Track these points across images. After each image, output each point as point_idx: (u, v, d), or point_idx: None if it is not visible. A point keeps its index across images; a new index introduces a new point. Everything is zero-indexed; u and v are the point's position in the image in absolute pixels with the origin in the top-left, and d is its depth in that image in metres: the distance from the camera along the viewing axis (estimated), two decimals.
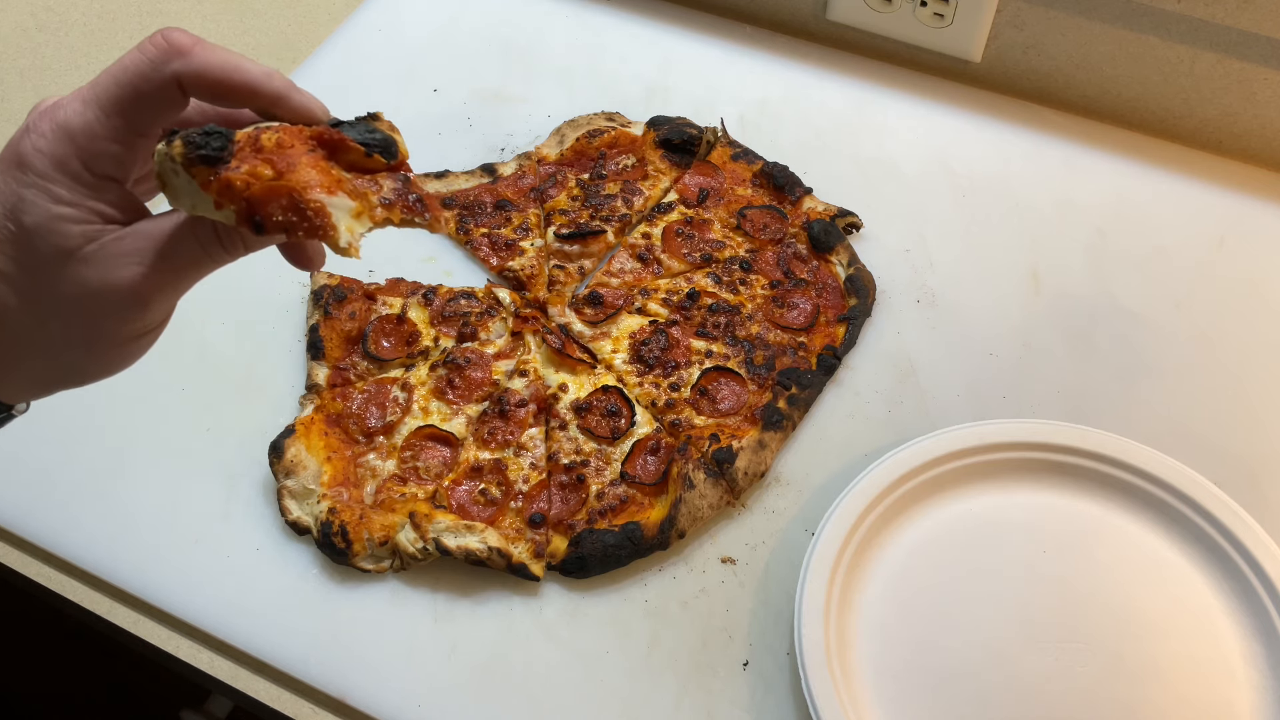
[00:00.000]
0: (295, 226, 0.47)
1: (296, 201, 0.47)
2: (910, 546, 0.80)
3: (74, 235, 0.49)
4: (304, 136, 0.49)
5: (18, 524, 0.83)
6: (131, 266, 0.49)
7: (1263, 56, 0.99)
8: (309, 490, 0.81)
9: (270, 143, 0.48)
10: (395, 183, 0.51)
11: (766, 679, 0.76)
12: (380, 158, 0.51)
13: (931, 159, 1.06)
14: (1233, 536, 0.77)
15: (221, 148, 0.47)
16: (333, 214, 0.47)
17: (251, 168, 0.47)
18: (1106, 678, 0.74)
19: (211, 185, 0.47)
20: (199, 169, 0.47)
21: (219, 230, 0.50)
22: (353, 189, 0.49)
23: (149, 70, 0.48)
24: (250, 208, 0.46)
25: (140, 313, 0.51)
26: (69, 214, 0.49)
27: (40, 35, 1.19)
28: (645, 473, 0.84)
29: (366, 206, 0.49)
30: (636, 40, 1.18)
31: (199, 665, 0.78)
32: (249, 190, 0.46)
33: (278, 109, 0.51)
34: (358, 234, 0.49)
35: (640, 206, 1.01)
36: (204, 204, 0.48)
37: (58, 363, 0.53)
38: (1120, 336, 0.93)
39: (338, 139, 0.50)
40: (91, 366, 0.54)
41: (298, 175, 0.47)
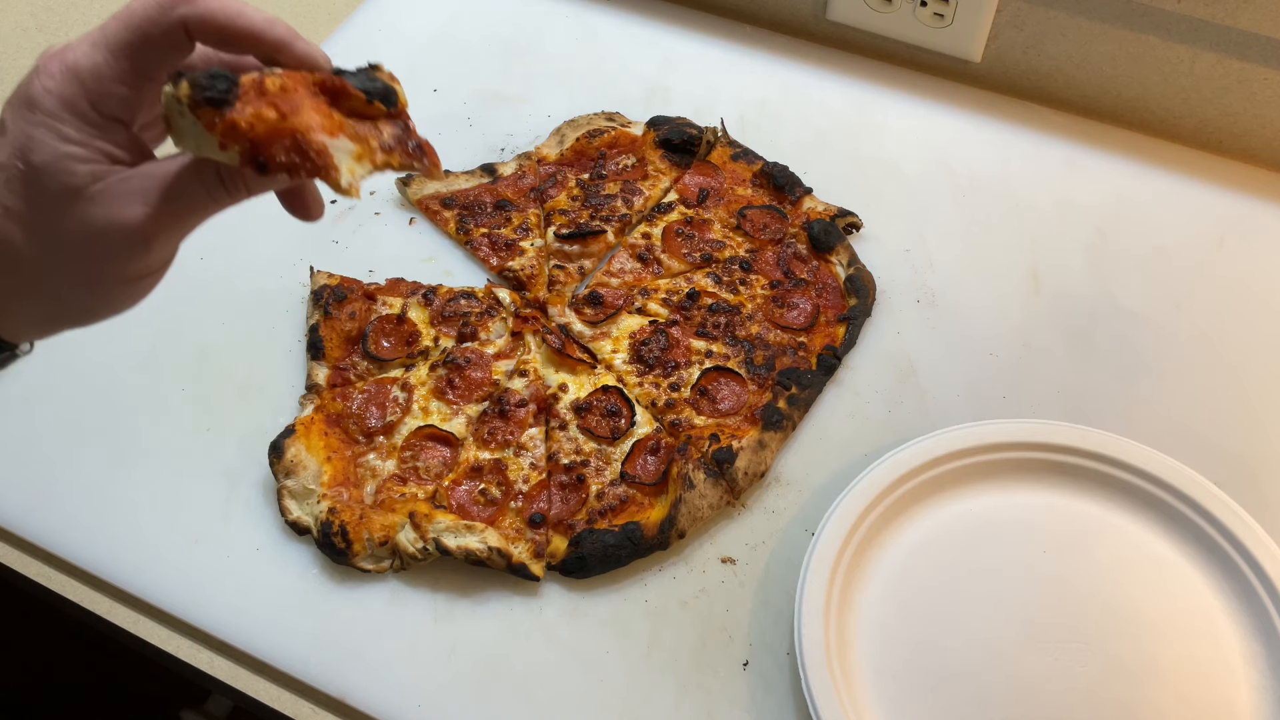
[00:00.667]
0: (298, 167, 0.48)
1: (299, 142, 0.48)
2: (910, 546, 0.80)
3: (81, 174, 0.50)
4: (307, 82, 0.51)
5: (18, 524, 0.83)
6: (136, 206, 0.50)
7: (1263, 56, 0.99)
8: (309, 490, 0.81)
9: (274, 87, 0.49)
10: (395, 129, 0.53)
11: (766, 679, 0.76)
12: (380, 105, 0.52)
13: (931, 159, 1.06)
14: (1233, 536, 0.77)
15: (227, 90, 0.48)
16: (334, 155, 0.49)
17: (256, 110, 0.48)
18: (1106, 678, 0.74)
19: (216, 126, 0.48)
20: (204, 111, 0.48)
21: (222, 172, 0.51)
22: (354, 133, 0.51)
23: (156, 14, 0.50)
24: (254, 148, 0.48)
25: (143, 252, 0.52)
26: (77, 153, 0.50)
27: (40, 35, 1.19)
28: (645, 473, 0.84)
29: (367, 150, 0.51)
30: (636, 40, 1.18)
31: (199, 665, 0.78)
32: (253, 131, 0.48)
33: (281, 56, 0.52)
34: (358, 175, 0.50)
35: (640, 206, 1.01)
36: (208, 145, 0.49)
37: (61, 301, 0.54)
38: (1120, 336, 0.93)
39: (340, 85, 0.51)
40: (94, 305, 0.55)
41: (301, 118, 0.49)
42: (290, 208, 0.57)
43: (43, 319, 0.55)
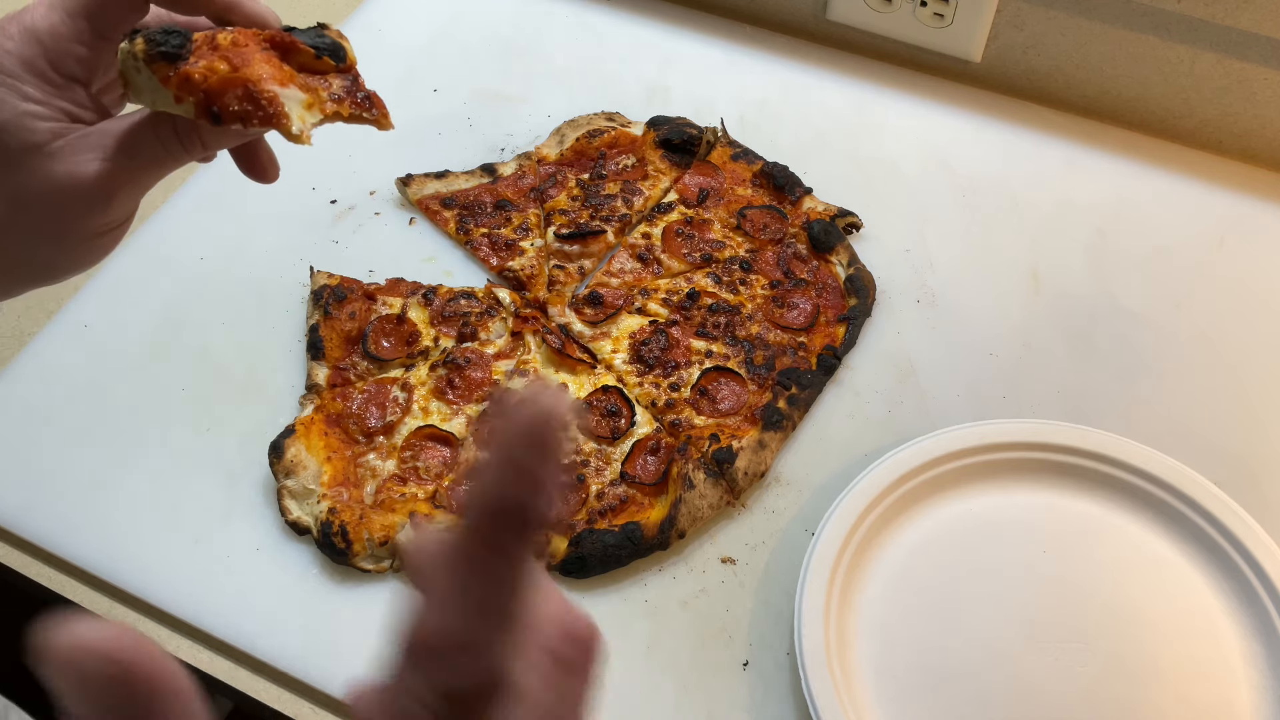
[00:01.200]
0: (250, 115, 0.50)
1: (251, 91, 0.50)
2: (910, 546, 0.80)
3: (41, 131, 0.52)
4: (258, 38, 0.53)
5: (18, 524, 0.83)
6: (95, 161, 0.52)
7: (1263, 56, 0.99)
8: (309, 490, 0.81)
9: (226, 41, 0.51)
10: (344, 81, 0.54)
11: (766, 679, 0.76)
12: (329, 60, 0.54)
13: (931, 159, 1.06)
14: (1233, 536, 0.77)
15: (180, 45, 0.50)
16: (285, 103, 0.51)
17: (209, 62, 0.50)
18: (1106, 678, 0.74)
19: (171, 80, 0.50)
20: (159, 65, 0.50)
21: (178, 127, 0.53)
22: (304, 84, 0.53)
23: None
24: (208, 99, 0.50)
25: (104, 206, 0.54)
26: (36, 110, 0.51)
27: None
28: (645, 473, 0.84)
29: (317, 100, 0.53)
30: (636, 40, 1.18)
31: (199, 665, 0.78)
32: (206, 83, 0.50)
33: (231, 15, 0.54)
34: (309, 123, 0.52)
35: (640, 206, 1.01)
36: (164, 99, 0.51)
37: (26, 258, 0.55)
38: (1120, 336, 0.93)
39: (289, 41, 0.53)
40: (58, 261, 0.56)
41: (252, 69, 0.51)
42: (246, 169, 0.59)
43: (10, 276, 0.57)
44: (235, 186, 0.63)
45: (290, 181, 0.62)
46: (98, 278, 0.96)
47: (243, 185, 0.66)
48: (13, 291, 0.58)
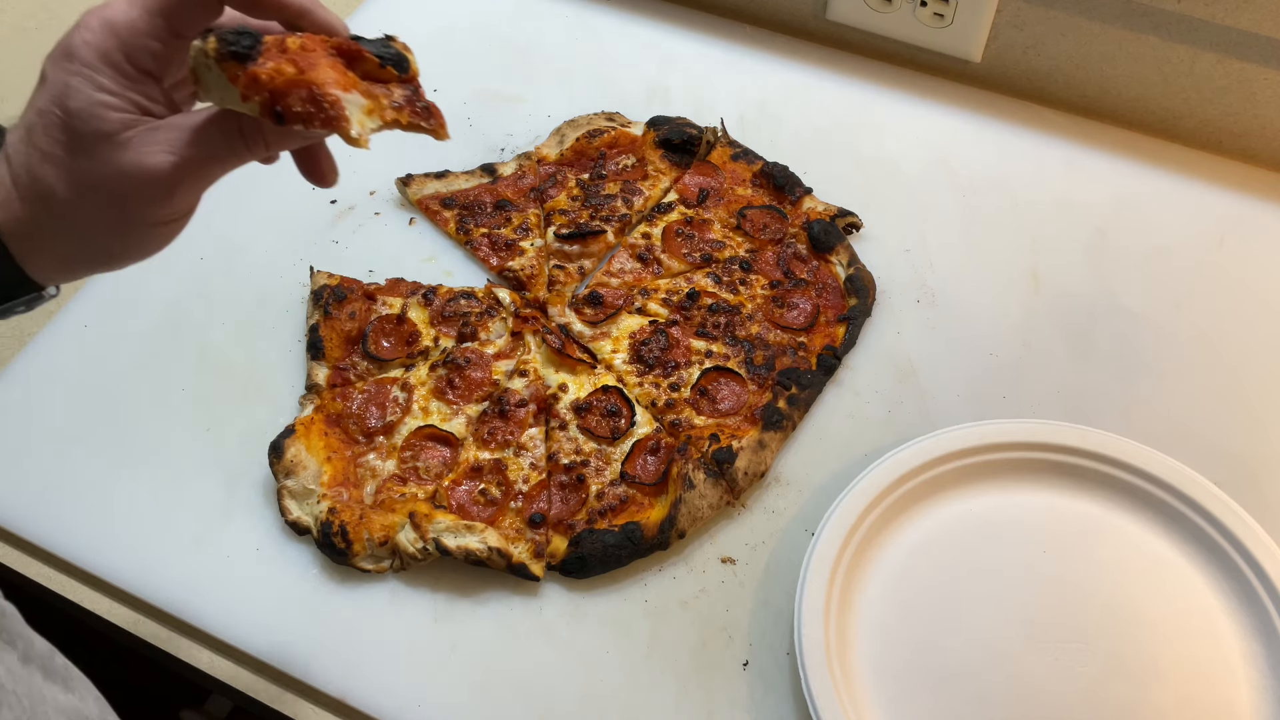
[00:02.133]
0: (313, 117, 0.52)
1: (315, 94, 0.52)
2: (910, 546, 0.80)
3: (113, 121, 0.54)
4: (325, 45, 0.55)
5: (18, 524, 0.83)
6: (163, 154, 0.54)
7: (1263, 56, 0.99)
8: (309, 490, 0.81)
9: (295, 46, 0.53)
10: (405, 91, 0.57)
11: (766, 679, 0.76)
12: (393, 70, 0.56)
13: (931, 159, 1.06)
14: (1233, 536, 0.77)
15: (251, 46, 0.52)
16: (347, 107, 0.53)
17: (276, 64, 0.52)
18: (1106, 678, 0.74)
19: (240, 79, 0.52)
20: (229, 64, 0.52)
21: (243, 126, 0.55)
22: (366, 90, 0.55)
23: None
24: (273, 99, 0.52)
25: (168, 198, 0.55)
26: (110, 101, 0.54)
27: (40, 35, 1.19)
28: (645, 473, 0.84)
29: (377, 106, 0.55)
30: (636, 40, 1.18)
31: (199, 665, 0.78)
32: (273, 83, 0.51)
33: (302, 22, 0.56)
34: (368, 127, 0.54)
35: (640, 206, 1.01)
36: (232, 97, 0.53)
37: (89, 243, 0.57)
38: (1120, 336, 0.93)
39: (355, 49, 0.55)
40: (120, 248, 0.58)
41: (317, 73, 0.53)
42: (306, 171, 0.61)
43: (72, 261, 0.58)
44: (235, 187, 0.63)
45: (290, 181, 0.62)
46: (98, 277, 0.96)
47: (243, 185, 0.67)
48: (72, 275, 0.60)
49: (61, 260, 0.58)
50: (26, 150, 0.55)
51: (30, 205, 0.55)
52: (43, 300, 0.60)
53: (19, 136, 0.56)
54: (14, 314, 0.60)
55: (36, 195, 0.55)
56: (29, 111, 0.56)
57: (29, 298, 0.59)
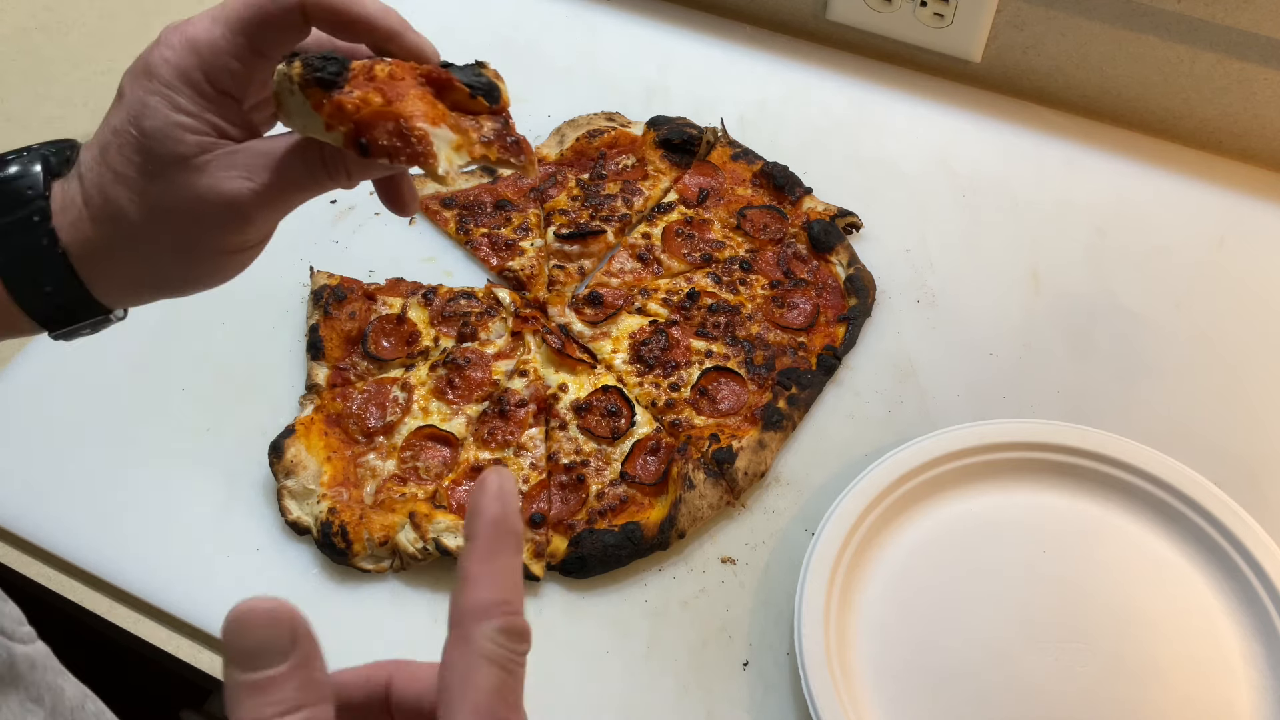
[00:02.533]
0: (399, 151, 0.49)
1: (402, 127, 0.49)
2: (910, 546, 0.80)
3: (190, 143, 0.52)
4: (414, 72, 0.52)
5: (18, 524, 0.83)
6: (239, 180, 0.52)
7: (1263, 56, 0.99)
8: (309, 490, 0.81)
9: (383, 74, 0.51)
10: (495, 124, 0.54)
11: (766, 679, 0.76)
12: (483, 100, 0.54)
13: (931, 159, 1.06)
14: (1233, 536, 0.77)
15: (337, 72, 0.50)
16: (434, 142, 0.50)
17: (363, 93, 0.49)
18: (1106, 678, 0.74)
19: (324, 107, 0.49)
20: (314, 90, 0.49)
21: (325, 155, 0.53)
22: (455, 124, 0.52)
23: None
24: (358, 130, 0.49)
25: (242, 225, 0.53)
26: (187, 123, 0.52)
27: (40, 35, 1.19)
28: (645, 473, 0.84)
29: (466, 141, 0.52)
30: (636, 40, 1.18)
31: (199, 665, 0.78)
32: (359, 114, 0.49)
33: (391, 45, 0.53)
34: (455, 165, 0.51)
35: (640, 206, 1.01)
36: (315, 125, 0.50)
37: (161, 268, 0.55)
38: (1120, 336, 0.93)
39: (445, 78, 0.53)
40: (191, 274, 0.56)
41: (405, 105, 0.50)
42: (387, 200, 0.59)
43: (140, 285, 0.57)
44: None
45: None
46: None
47: None
48: (141, 300, 0.58)
49: (129, 284, 0.56)
50: (100, 169, 0.53)
51: (101, 226, 0.53)
52: (109, 323, 0.58)
53: (93, 155, 0.54)
54: (79, 336, 0.58)
55: (108, 216, 0.53)
56: (104, 129, 0.54)
57: (95, 320, 0.57)
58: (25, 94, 1.13)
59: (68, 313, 0.56)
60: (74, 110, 1.12)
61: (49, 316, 0.56)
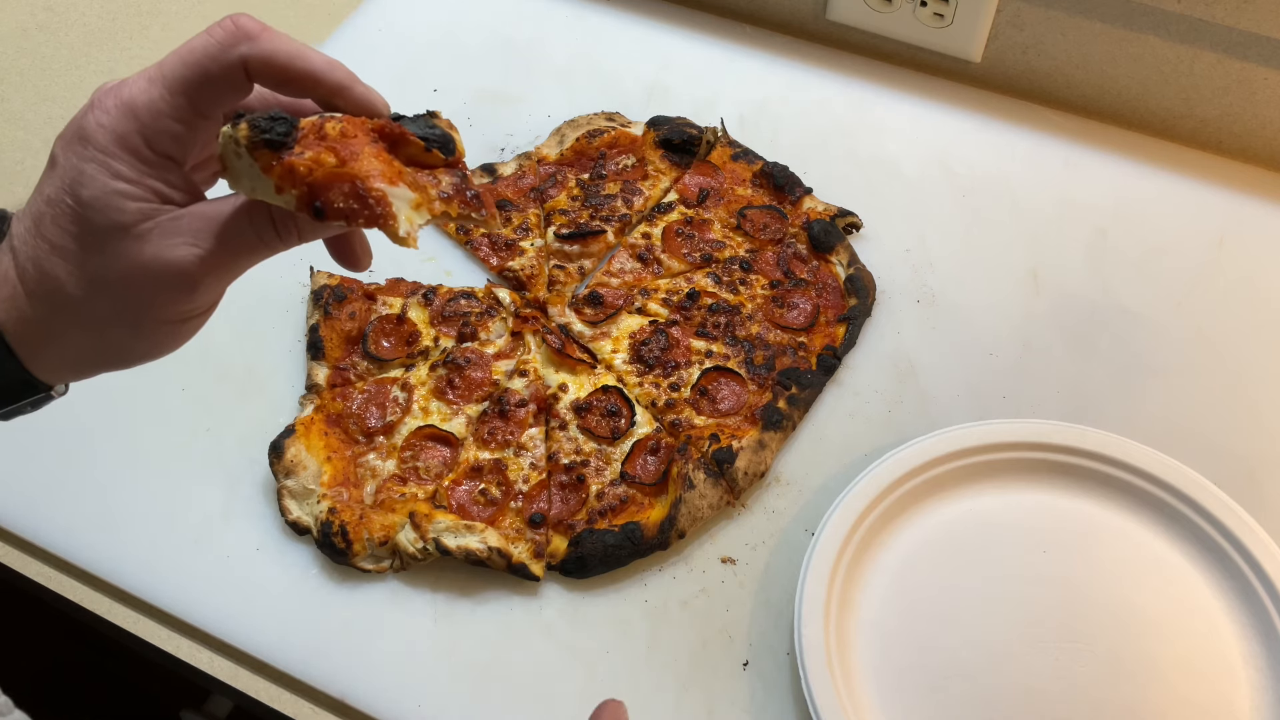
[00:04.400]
0: (356, 214, 0.47)
1: (358, 189, 0.47)
2: (910, 546, 0.80)
3: (130, 211, 0.49)
4: (366, 128, 0.50)
5: (18, 524, 0.83)
6: (185, 246, 0.50)
7: (1263, 56, 0.99)
8: (309, 490, 0.81)
9: (334, 131, 0.49)
10: (453, 178, 0.52)
11: (766, 679, 0.76)
12: (439, 153, 0.51)
13: (931, 159, 1.06)
14: (1233, 536, 0.77)
15: (286, 133, 0.47)
16: (394, 203, 0.48)
17: (315, 154, 0.47)
18: (1106, 678, 0.74)
19: (274, 169, 0.47)
20: (262, 153, 0.47)
21: (275, 216, 0.51)
22: (413, 181, 0.50)
23: (217, 52, 0.49)
24: (312, 193, 0.47)
25: (189, 294, 0.51)
26: (127, 190, 0.49)
27: (40, 35, 1.19)
28: (645, 473, 0.84)
29: (426, 199, 0.50)
30: (636, 40, 1.18)
31: (199, 665, 0.78)
32: (312, 176, 0.47)
33: (339, 99, 0.51)
34: (416, 224, 0.49)
35: (640, 206, 1.01)
36: (264, 188, 0.48)
37: (103, 341, 0.53)
38: (1120, 336, 0.93)
39: (399, 132, 0.51)
40: (137, 346, 0.54)
41: (360, 164, 0.48)
42: (338, 257, 0.57)
43: (83, 359, 0.54)
44: None
45: None
46: None
47: None
48: (84, 374, 0.55)
49: (70, 361, 0.53)
50: (34, 242, 0.50)
51: (38, 303, 0.50)
52: (51, 399, 0.56)
53: (26, 227, 0.51)
54: (20, 414, 0.56)
55: (45, 292, 0.50)
56: (36, 199, 0.51)
57: (36, 398, 0.55)
58: (26, 93, 1.13)
59: (6, 393, 0.53)
60: (75, 110, 1.11)
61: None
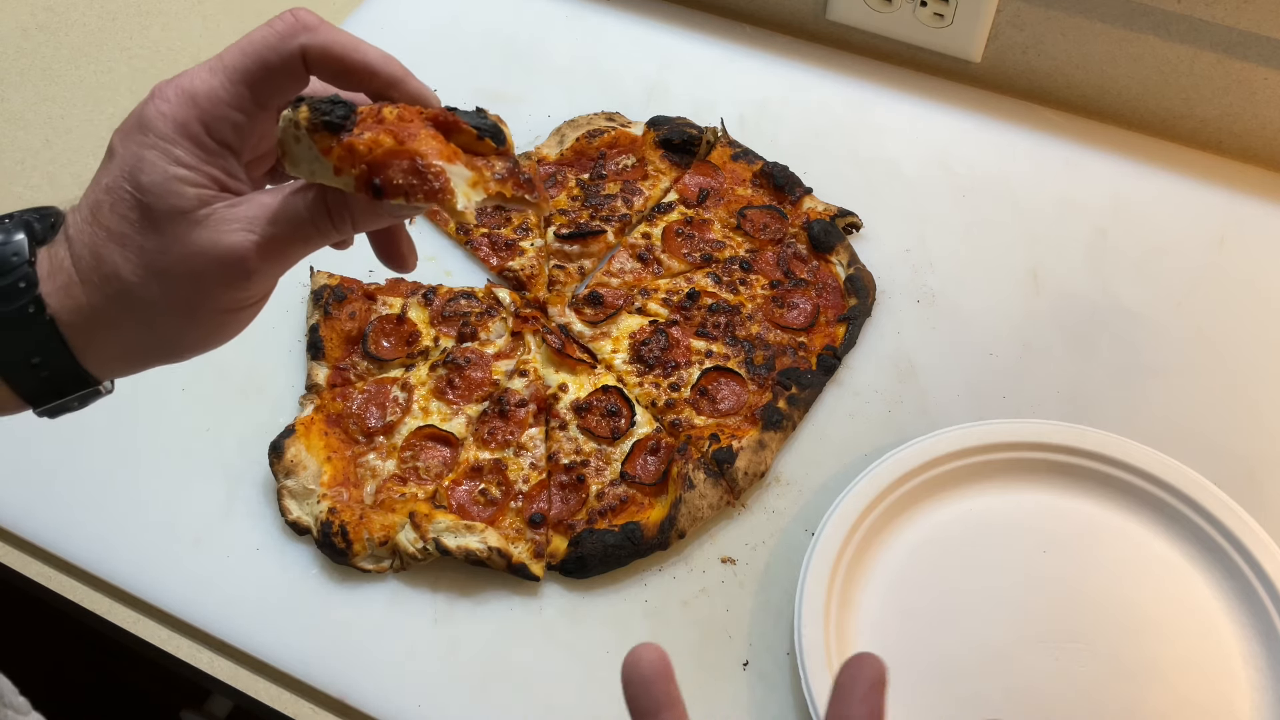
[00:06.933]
0: (415, 189, 0.49)
1: (417, 165, 0.49)
2: (910, 546, 0.80)
3: (189, 197, 0.50)
4: (422, 115, 0.51)
5: (18, 524, 0.83)
6: (241, 233, 0.50)
7: (1263, 56, 0.99)
8: (309, 490, 0.81)
9: (391, 116, 0.50)
10: (506, 163, 0.53)
11: (766, 679, 0.76)
12: (490, 142, 0.53)
13: (931, 159, 1.06)
14: (1233, 536, 0.77)
15: (345, 116, 0.49)
16: (451, 179, 0.49)
17: (374, 135, 0.49)
18: (1106, 678, 0.74)
19: (333, 151, 0.49)
20: (321, 135, 0.49)
21: (331, 204, 0.51)
22: (469, 161, 0.51)
23: (276, 42, 0.50)
24: (371, 171, 0.48)
25: (244, 281, 0.52)
26: (186, 175, 0.50)
27: (40, 35, 1.19)
28: (645, 473, 0.84)
29: (481, 178, 0.51)
30: (636, 40, 1.18)
31: (199, 665, 0.78)
32: (371, 154, 0.48)
33: (393, 92, 0.53)
34: (473, 200, 0.51)
35: (640, 206, 1.01)
36: (323, 170, 0.49)
37: (155, 330, 0.53)
38: (1120, 336, 0.93)
39: (452, 120, 0.52)
40: (190, 335, 0.54)
41: (419, 144, 0.49)
42: (385, 257, 0.57)
43: (135, 350, 0.54)
44: None
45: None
46: None
47: None
48: (135, 367, 0.55)
49: (123, 351, 0.53)
50: (92, 230, 0.50)
51: (93, 290, 0.51)
52: (98, 396, 0.56)
53: (83, 216, 0.51)
54: (67, 411, 0.56)
55: (101, 279, 0.50)
56: (94, 189, 0.51)
57: (83, 393, 0.55)
58: (26, 93, 1.13)
59: (55, 386, 0.53)
60: (75, 109, 1.12)
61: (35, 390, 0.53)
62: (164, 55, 1.17)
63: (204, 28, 1.20)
